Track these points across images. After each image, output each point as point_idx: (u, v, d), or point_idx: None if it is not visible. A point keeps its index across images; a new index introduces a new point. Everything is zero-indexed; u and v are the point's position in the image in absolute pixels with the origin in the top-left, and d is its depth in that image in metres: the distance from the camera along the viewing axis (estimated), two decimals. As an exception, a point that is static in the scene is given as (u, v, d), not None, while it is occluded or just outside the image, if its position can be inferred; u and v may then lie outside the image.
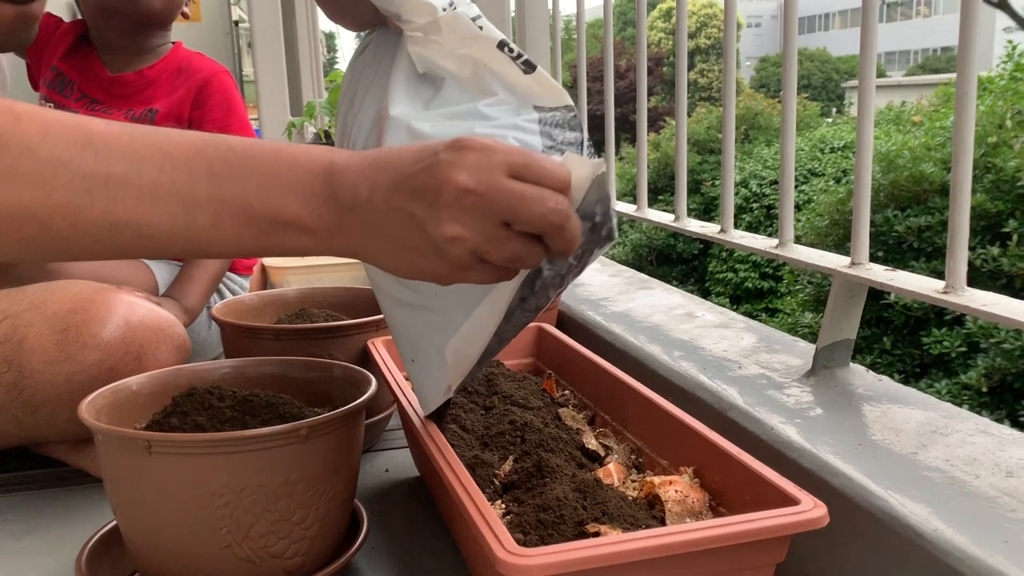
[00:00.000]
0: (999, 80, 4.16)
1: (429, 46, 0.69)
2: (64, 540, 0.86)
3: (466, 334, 0.66)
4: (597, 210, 0.59)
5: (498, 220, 0.54)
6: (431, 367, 0.71)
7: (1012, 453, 0.75)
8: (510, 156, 0.54)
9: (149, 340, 0.96)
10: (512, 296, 0.62)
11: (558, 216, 0.54)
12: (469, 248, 0.54)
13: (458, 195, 0.53)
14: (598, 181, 0.57)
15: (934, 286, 0.85)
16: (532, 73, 0.67)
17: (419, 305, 0.69)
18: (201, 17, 3.01)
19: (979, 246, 3.59)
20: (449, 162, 0.54)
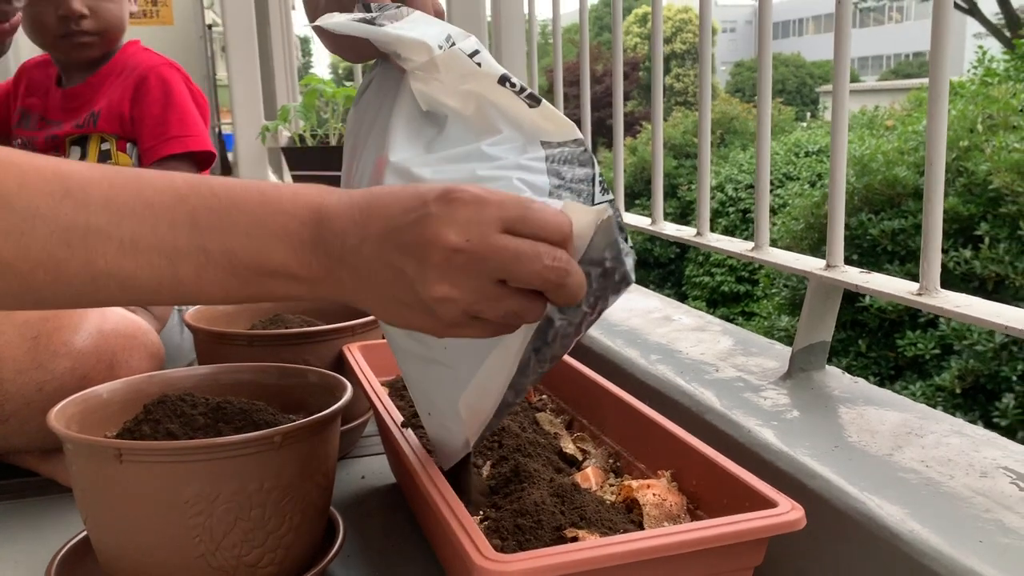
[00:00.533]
0: (970, 85, 4.21)
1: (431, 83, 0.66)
2: (33, 551, 0.85)
3: (477, 388, 0.63)
4: (606, 255, 0.56)
5: (492, 278, 0.52)
6: (447, 421, 0.68)
7: (986, 454, 0.75)
8: (504, 210, 0.52)
9: (122, 347, 0.95)
10: (522, 349, 0.59)
11: (555, 273, 0.52)
12: (460, 308, 0.52)
13: (447, 255, 0.51)
14: (604, 226, 0.55)
15: (908, 288, 0.85)
16: (537, 107, 0.64)
17: (430, 358, 0.66)
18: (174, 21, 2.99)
19: (952, 249, 3.63)
20: (438, 217, 0.51)
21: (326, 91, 1.97)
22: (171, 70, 1.48)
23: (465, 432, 0.67)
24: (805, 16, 36.52)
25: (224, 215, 0.53)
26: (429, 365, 0.67)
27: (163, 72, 1.45)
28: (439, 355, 0.65)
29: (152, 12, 3.07)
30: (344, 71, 30.23)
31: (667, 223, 1.34)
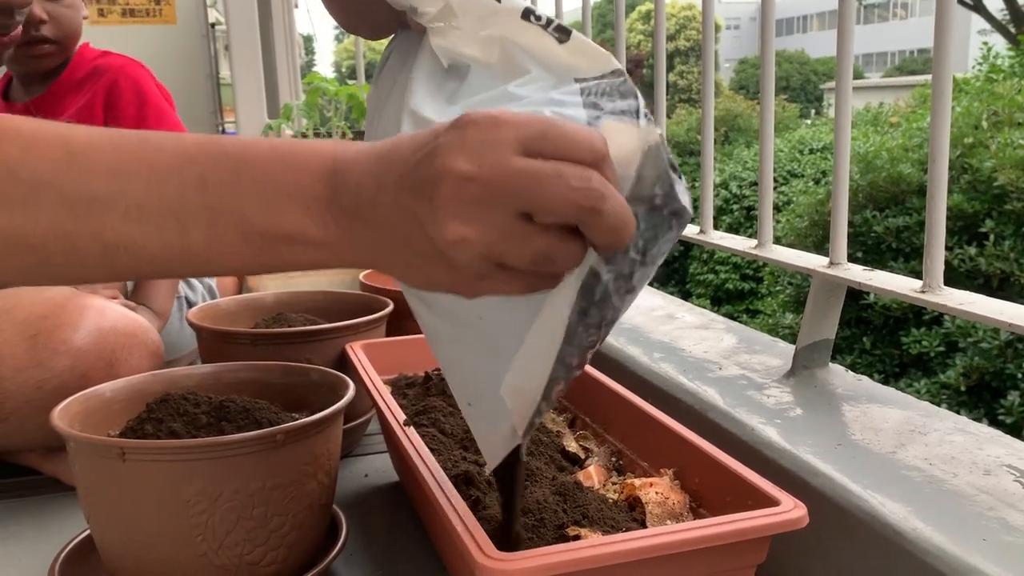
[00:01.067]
0: (975, 81, 4.20)
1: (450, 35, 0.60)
2: (37, 550, 0.85)
3: (521, 366, 0.54)
4: (656, 191, 0.48)
5: (512, 212, 0.44)
6: (490, 410, 0.59)
7: (990, 452, 0.75)
8: (523, 128, 0.44)
9: (122, 346, 0.95)
10: (567, 311, 0.50)
11: (587, 196, 0.43)
12: (479, 251, 0.44)
13: (457, 185, 0.43)
14: (652, 153, 0.46)
15: (912, 285, 0.85)
16: (568, 40, 0.56)
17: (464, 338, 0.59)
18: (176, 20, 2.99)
19: (956, 246, 3.62)
20: (448, 145, 0.44)
21: (329, 89, 1.97)
22: (138, 68, 1.48)
23: (512, 420, 0.57)
24: (809, 13, 36.45)
25: (233, 174, 0.48)
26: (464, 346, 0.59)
27: (131, 72, 1.45)
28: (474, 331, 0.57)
29: (155, 11, 3.07)
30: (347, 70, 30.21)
31: (670, 221, 1.34)
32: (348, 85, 2.01)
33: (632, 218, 0.45)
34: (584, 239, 0.45)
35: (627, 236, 0.45)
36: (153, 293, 1.38)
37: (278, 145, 0.50)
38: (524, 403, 0.55)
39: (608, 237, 0.44)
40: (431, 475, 0.66)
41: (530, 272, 0.46)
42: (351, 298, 1.20)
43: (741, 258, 7.05)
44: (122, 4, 3.05)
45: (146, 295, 1.37)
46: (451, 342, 0.61)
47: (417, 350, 1.04)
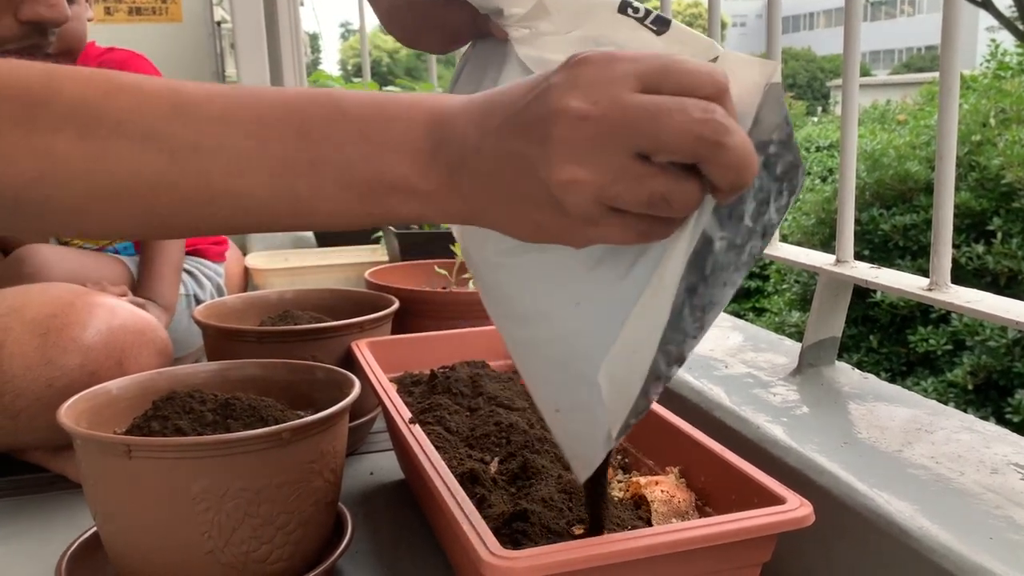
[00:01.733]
0: (982, 79, 4.18)
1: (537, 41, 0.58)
2: (44, 546, 0.85)
3: (622, 351, 0.49)
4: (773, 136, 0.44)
5: (628, 151, 0.42)
6: (582, 411, 0.54)
7: (997, 450, 0.75)
8: (640, 63, 0.42)
9: (131, 344, 0.96)
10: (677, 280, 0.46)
11: (710, 127, 0.40)
12: (592, 194, 0.42)
13: (572, 124, 0.42)
14: (773, 92, 0.43)
15: (919, 283, 0.85)
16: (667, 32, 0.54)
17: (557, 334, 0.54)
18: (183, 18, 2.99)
19: (964, 244, 3.61)
20: (560, 85, 0.43)
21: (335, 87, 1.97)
22: (141, 61, 1.48)
23: (607, 419, 0.52)
24: (816, 10, 36.36)
25: (338, 126, 0.48)
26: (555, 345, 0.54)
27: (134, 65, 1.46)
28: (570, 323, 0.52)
29: (161, 9, 3.08)
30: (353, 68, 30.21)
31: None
32: (354, 83, 2.01)
33: (755, 157, 0.42)
34: (702, 180, 0.42)
35: (750, 176, 0.42)
36: (158, 287, 1.38)
37: (379, 98, 0.50)
38: (623, 396, 0.51)
39: (731, 176, 0.41)
40: (436, 473, 0.66)
41: (643, 217, 0.44)
42: (357, 296, 1.21)
43: (747, 256, 7.03)
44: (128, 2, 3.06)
45: (151, 290, 1.38)
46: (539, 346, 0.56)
47: (423, 348, 1.04)
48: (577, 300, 0.52)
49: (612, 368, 0.50)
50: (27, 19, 0.90)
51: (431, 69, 2.22)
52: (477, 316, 1.19)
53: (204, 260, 1.57)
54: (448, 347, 1.05)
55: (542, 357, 0.56)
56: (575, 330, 0.52)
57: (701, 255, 0.46)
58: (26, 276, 1.22)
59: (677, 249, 0.46)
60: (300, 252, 1.88)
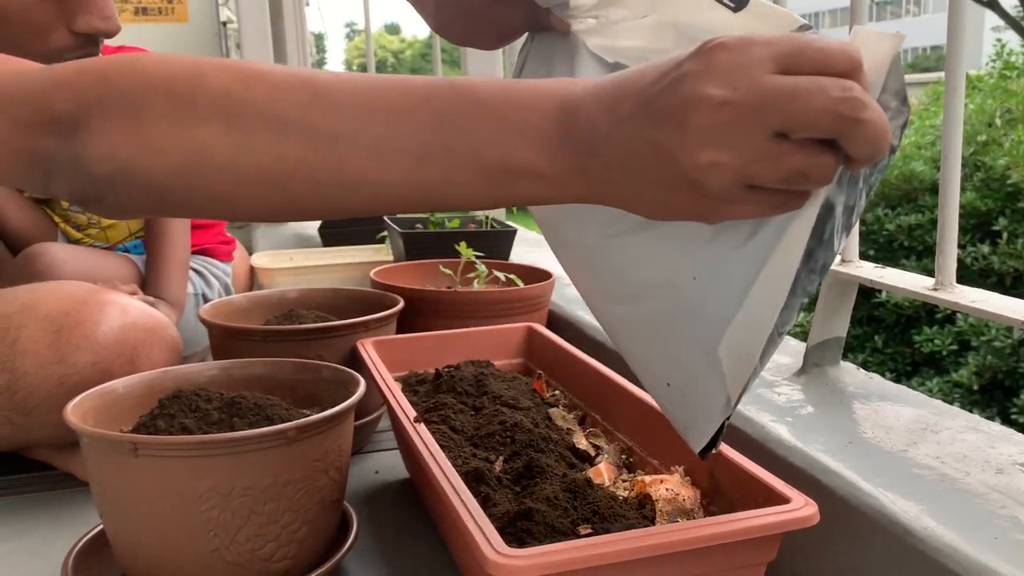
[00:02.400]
0: (988, 79, 4.17)
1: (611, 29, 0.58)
2: (51, 544, 0.85)
3: (746, 320, 0.50)
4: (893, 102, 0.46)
5: (768, 132, 0.43)
6: (697, 382, 0.55)
7: (1002, 450, 0.75)
8: (775, 46, 0.43)
9: (142, 341, 0.96)
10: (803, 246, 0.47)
11: (850, 105, 0.42)
12: (731, 174, 0.44)
13: (711, 111, 0.43)
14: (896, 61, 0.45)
15: (924, 283, 0.85)
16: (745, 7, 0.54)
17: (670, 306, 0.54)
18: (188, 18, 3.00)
19: (969, 244, 3.60)
20: (695, 73, 0.44)
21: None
22: None
23: (727, 388, 0.53)
24: (822, 10, 36.31)
25: (467, 113, 0.50)
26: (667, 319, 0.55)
27: None
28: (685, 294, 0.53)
29: (167, 9, 3.08)
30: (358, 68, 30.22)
31: (681, 218, 1.34)
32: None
33: (889, 127, 0.43)
34: (838, 152, 0.44)
35: (885, 146, 0.43)
36: (167, 286, 1.38)
37: (507, 84, 0.51)
38: (743, 364, 0.51)
39: (868, 148, 0.43)
40: (441, 472, 0.66)
41: (780, 191, 0.45)
42: (362, 295, 1.21)
43: (752, 256, 7.02)
44: (135, 3, 3.07)
45: (161, 287, 1.38)
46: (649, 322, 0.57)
47: (428, 347, 1.05)
48: (694, 273, 0.52)
49: (734, 338, 0.51)
50: (82, 31, 0.92)
51: (436, 70, 2.22)
52: (482, 316, 1.19)
53: (212, 259, 1.58)
54: (453, 346, 1.05)
55: (652, 332, 0.57)
56: (693, 301, 0.53)
57: (822, 220, 0.47)
58: (37, 275, 1.22)
59: (804, 218, 0.46)
60: (305, 251, 1.88)
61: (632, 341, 0.60)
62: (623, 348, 0.62)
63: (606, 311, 0.62)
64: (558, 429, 0.87)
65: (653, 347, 0.58)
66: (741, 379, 0.52)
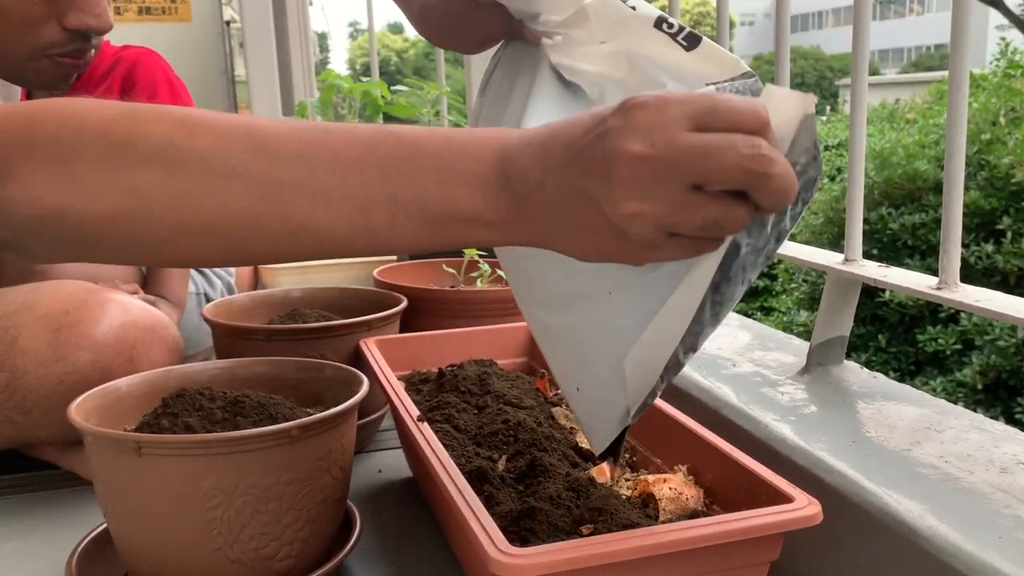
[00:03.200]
0: (992, 77, 4.16)
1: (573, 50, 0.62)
2: (54, 543, 0.86)
3: (650, 340, 0.55)
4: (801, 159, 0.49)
5: (684, 184, 0.46)
6: (603, 391, 0.60)
7: (1006, 449, 0.75)
8: (689, 105, 0.46)
9: (142, 340, 0.96)
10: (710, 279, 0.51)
11: (758, 161, 0.45)
12: (653, 224, 0.47)
13: (632, 166, 0.46)
14: (807, 122, 0.47)
15: (927, 282, 0.85)
16: (697, 47, 0.58)
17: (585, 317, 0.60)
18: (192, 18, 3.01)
19: (973, 243, 3.59)
20: (618, 129, 0.47)
21: (343, 87, 1.98)
22: (154, 58, 1.49)
23: (627, 399, 0.58)
24: (825, 9, 36.25)
25: (411, 163, 0.52)
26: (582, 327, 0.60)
27: (147, 61, 1.47)
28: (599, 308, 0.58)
29: (171, 9, 3.09)
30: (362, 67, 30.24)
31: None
32: (362, 82, 2.01)
33: (796, 180, 0.47)
34: (749, 202, 0.47)
35: (791, 197, 0.47)
36: (168, 283, 1.38)
37: (448, 134, 0.53)
38: (644, 379, 0.56)
39: (775, 198, 0.46)
40: (445, 471, 0.66)
41: (697, 238, 0.48)
42: (365, 294, 1.21)
43: (755, 255, 7.01)
44: (138, 2, 3.07)
45: (162, 286, 1.38)
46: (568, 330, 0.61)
47: (431, 346, 1.05)
48: (610, 289, 0.57)
49: (638, 354, 0.55)
50: (73, 27, 0.92)
51: (439, 69, 2.22)
52: (485, 315, 1.19)
53: None
54: (456, 345, 1.05)
55: (569, 340, 0.62)
56: (607, 315, 0.58)
57: (729, 258, 0.50)
58: (36, 274, 1.22)
59: (713, 255, 0.50)
60: (308, 251, 1.88)
61: (553, 346, 0.65)
62: (546, 352, 0.66)
63: (536, 317, 0.66)
64: (561, 428, 0.87)
65: (569, 354, 0.63)
66: (641, 393, 0.56)
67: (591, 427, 0.63)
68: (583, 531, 0.65)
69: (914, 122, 4.62)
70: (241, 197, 0.51)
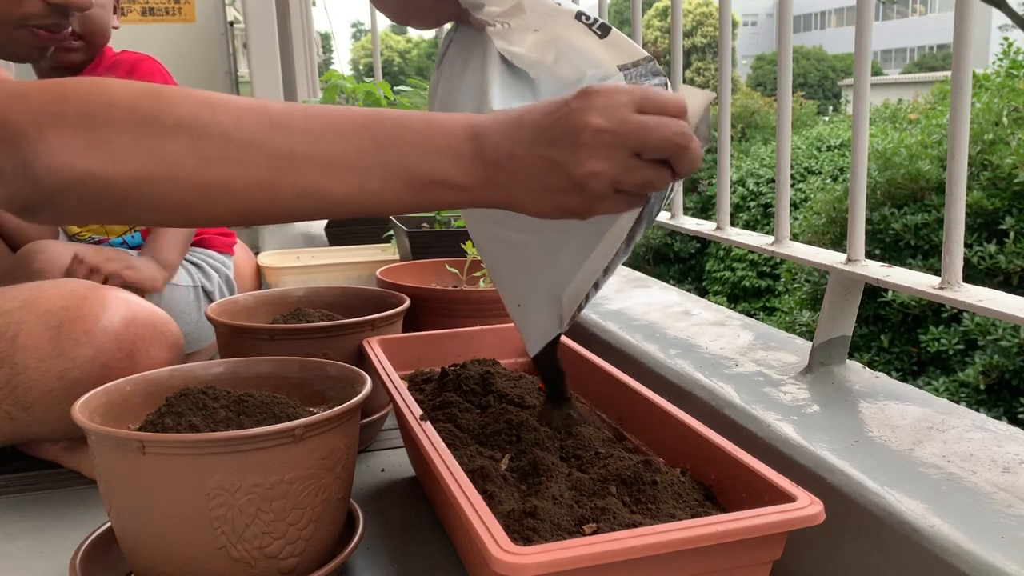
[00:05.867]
0: (995, 77, 4.16)
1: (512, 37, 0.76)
2: (59, 542, 0.86)
3: (584, 273, 0.73)
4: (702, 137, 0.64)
5: (630, 151, 0.60)
6: (541, 310, 0.79)
7: (1009, 449, 0.75)
8: (632, 94, 0.61)
9: (142, 337, 0.96)
10: (626, 232, 0.68)
11: (682, 138, 0.60)
12: (607, 180, 0.61)
13: (594, 135, 0.60)
14: (707, 112, 0.64)
15: (930, 282, 0.85)
16: (608, 36, 0.74)
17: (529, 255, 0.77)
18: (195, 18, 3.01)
19: (976, 243, 3.59)
20: (581, 109, 0.60)
21: (346, 87, 1.98)
22: (151, 63, 1.50)
23: (562, 315, 0.77)
24: (827, 9, 36.21)
25: (399, 137, 0.63)
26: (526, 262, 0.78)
27: (145, 66, 1.48)
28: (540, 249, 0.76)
29: (174, 9, 3.09)
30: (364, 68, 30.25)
31: (687, 217, 1.34)
32: (365, 83, 2.02)
33: (701, 151, 0.62)
34: (671, 168, 0.62)
35: (698, 165, 0.62)
36: (160, 245, 1.39)
37: (428, 116, 0.65)
38: (574, 303, 0.76)
39: (688, 166, 0.61)
40: (448, 470, 0.66)
41: (634, 194, 0.63)
42: (368, 294, 1.21)
43: (758, 255, 7.02)
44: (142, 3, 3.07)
45: (155, 248, 1.38)
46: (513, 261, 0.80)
47: (434, 346, 1.05)
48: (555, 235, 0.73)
49: (573, 287, 0.74)
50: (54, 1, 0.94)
51: (442, 68, 2.22)
52: (488, 314, 1.19)
53: (210, 251, 1.58)
54: (459, 345, 1.05)
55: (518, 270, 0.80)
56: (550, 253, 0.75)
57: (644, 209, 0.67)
58: (35, 272, 1.23)
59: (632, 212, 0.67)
60: (312, 251, 1.89)
61: (501, 264, 0.82)
62: (491, 268, 0.84)
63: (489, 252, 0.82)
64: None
65: (517, 274, 0.80)
66: (570, 312, 0.77)
67: (528, 334, 0.81)
68: (585, 530, 0.65)
69: (917, 122, 4.61)
70: (257, 164, 0.61)
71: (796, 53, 16.46)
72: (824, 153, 7.60)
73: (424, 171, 0.63)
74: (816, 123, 10.41)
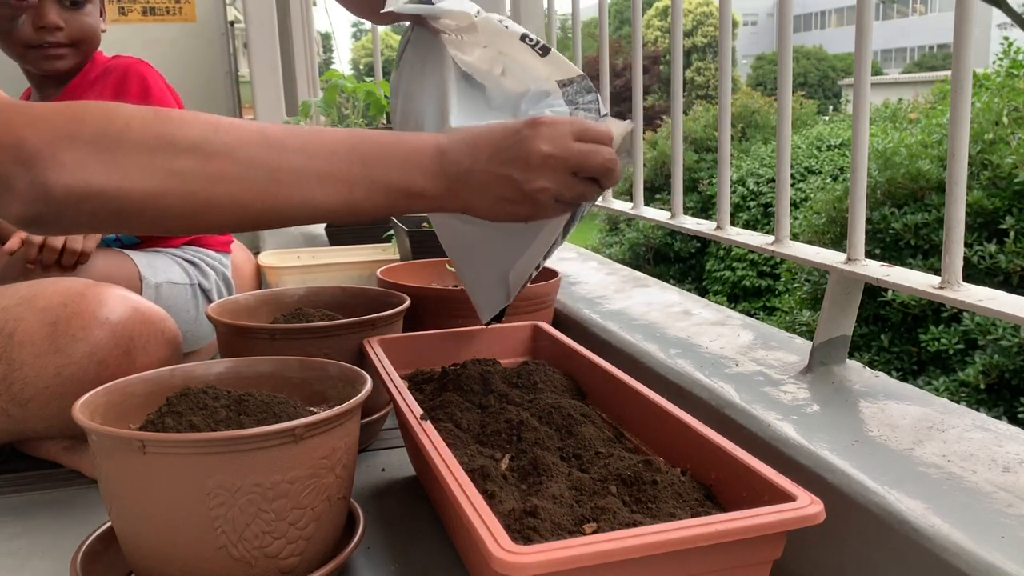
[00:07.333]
0: (995, 77, 4.16)
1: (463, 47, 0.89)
2: (59, 541, 0.86)
3: (526, 260, 0.89)
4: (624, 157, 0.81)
5: (570, 172, 0.77)
6: (491, 287, 0.96)
7: (1009, 448, 0.75)
8: (572, 125, 0.78)
9: (139, 333, 0.96)
10: (562, 225, 0.85)
11: (611, 163, 0.78)
12: (551, 194, 0.77)
13: (543, 159, 0.76)
14: (627, 138, 0.82)
15: (930, 281, 0.85)
16: (547, 55, 0.88)
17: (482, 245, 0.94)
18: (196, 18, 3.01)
19: (976, 243, 3.59)
20: (531, 136, 0.76)
21: (347, 87, 1.98)
22: (145, 67, 1.50)
23: (509, 290, 0.95)
24: (828, 8, 36.20)
25: (381, 155, 0.75)
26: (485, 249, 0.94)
27: (138, 70, 1.48)
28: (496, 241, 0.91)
29: (175, 9, 3.09)
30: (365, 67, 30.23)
31: (687, 217, 1.34)
32: (366, 82, 2.02)
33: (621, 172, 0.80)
34: (598, 184, 0.79)
35: (619, 180, 0.81)
36: None
37: (403, 136, 0.78)
38: (519, 281, 0.93)
39: (612, 183, 0.81)
40: (448, 469, 0.66)
41: (569, 204, 0.80)
42: (369, 294, 1.21)
43: (758, 255, 7.01)
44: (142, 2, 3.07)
45: None
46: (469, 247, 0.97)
47: (434, 345, 1.05)
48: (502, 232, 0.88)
49: (518, 267, 0.91)
50: None
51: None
52: (488, 314, 1.19)
53: (206, 249, 1.58)
54: (459, 344, 1.05)
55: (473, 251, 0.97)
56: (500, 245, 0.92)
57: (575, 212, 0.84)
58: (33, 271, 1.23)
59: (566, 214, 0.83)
60: (312, 250, 1.89)
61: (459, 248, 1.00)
62: (451, 252, 1.02)
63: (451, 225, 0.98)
64: (564, 427, 0.87)
65: (473, 259, 0.98)
66: (516, 289, 0.94)
67: (481, 307, 1.00)
68: (586, 530, 0.65)
69: (917, 122, 4.61)
70: (259, 179, 0.70)
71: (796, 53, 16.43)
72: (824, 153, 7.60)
73: (402, 184, 0.75)
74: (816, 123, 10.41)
